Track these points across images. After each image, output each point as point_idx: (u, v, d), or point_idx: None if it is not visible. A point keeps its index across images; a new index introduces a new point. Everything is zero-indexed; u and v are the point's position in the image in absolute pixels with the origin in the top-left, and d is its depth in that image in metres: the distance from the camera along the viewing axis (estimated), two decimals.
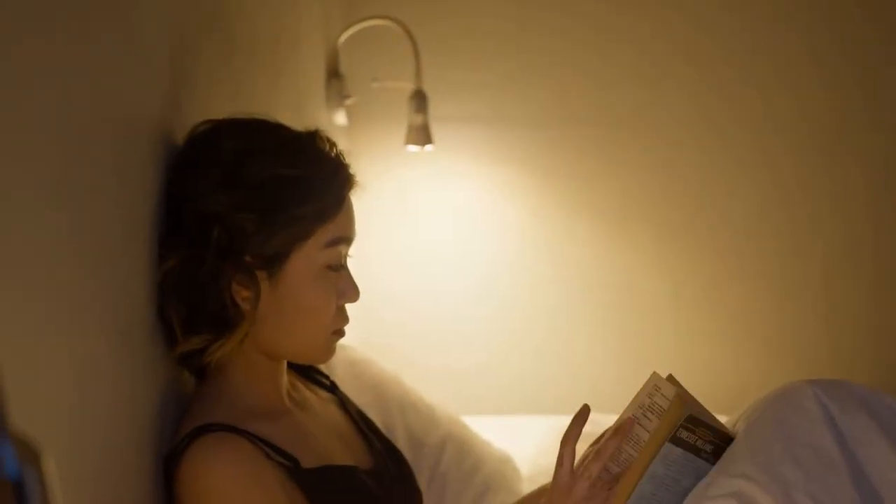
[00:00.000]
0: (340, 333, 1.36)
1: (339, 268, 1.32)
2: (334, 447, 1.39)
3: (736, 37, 2.74)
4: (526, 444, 2.13)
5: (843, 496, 1.22)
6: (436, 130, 2.56)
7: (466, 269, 2.84)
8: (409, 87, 2.49)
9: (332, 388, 1.55)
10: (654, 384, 1.33)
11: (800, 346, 2.82)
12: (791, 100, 2.74)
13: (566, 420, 2.24)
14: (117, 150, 1.14)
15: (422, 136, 2.49)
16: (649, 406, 1.32)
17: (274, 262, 1.26)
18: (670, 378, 1.38)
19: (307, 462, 1.29)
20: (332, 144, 1.35)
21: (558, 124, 2.78)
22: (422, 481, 1.64)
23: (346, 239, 1.32)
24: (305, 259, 1.28)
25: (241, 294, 1.26)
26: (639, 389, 1.38)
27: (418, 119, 2.48)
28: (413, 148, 2.52)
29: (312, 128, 1.36)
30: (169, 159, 1.30)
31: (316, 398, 1.48)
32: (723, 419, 1.44)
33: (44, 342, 0.92)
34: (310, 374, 1.53)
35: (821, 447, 1.26)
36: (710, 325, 2.83)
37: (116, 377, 1.12)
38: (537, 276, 2.83)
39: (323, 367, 1.56)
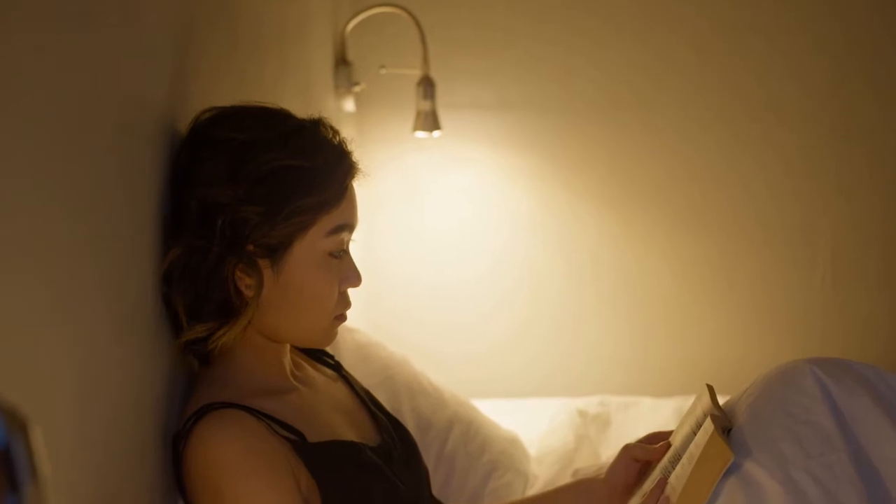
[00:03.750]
0: (342, 318, 1.38)
1: (342, 254, 1.34)
2: (340, 423, 1.40)
3: (741, 24, 2.73)
4: (535, 425, 2.15)
5: (842, 474, 1.22)
6: (444, 117, 2.57)
7: (475, 254, 2.85)
8: (416, 73, 2.50)
9: (337, 367, 1.56)
10: (702, 416, 1.34)
11: (809, 329, 2.82)
12: (797, 85, 2.73)
13: (575, 402, 2.27)
14: (121, 138, 1.15)
15: (430, 122, 2.50)
16: (692, 435, 1.33)
17: (277, 250, 1.28)
18: (711, 392, 1.40)
19: (313, 437, 1.31)
20: (336, 132, 1.36)
21: (566, 111, 2.79)
22: (429, 462, 1.66)
23: (349, 226, 1.34)
24: (308, 247, 1.29)
25: (245, 282, 1.28)
26: (690, 407, 1.42)
27: (426, 105, 2.49)
28: (421, 134, 2.53)
29: (316, 116, 1.37)
30: (173, 147, 1.31)
31: (321, 377, 1.50)
32: (726, 400, 1.45)
33: (53, 328, 0.94)
34: (315, 353, 1.55)
35: (820, 425, 1.27)
36: (718, 308, 2.84)
37: (124, 362, 1.14)
38: (546, 261, 2.84)
39: (329, 349, 1.57)
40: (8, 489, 0.50)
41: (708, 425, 1.28)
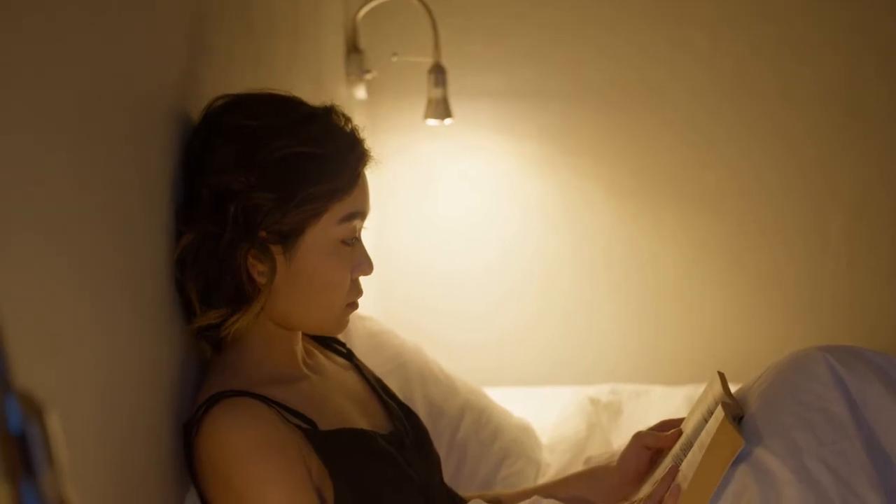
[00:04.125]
0: (354, 306, 1.38)
1: (354, 241, 1.34)
2: (352, 411, 1.41)
3: (753, 12, 2.72)
4: (546, 413, 2.15)
5: (854, 461, 1.22)
6: (455, 104, 2.57)
7: (486, 241, 2.84)
8: (428, 61, 2.50)
9: (349, 355, 1.57)
10: (713, 403, 1.34)
11: (821, 317, 2.81)
12: (809, 74, 2.72)
13: (587, 390, 2.27)
14: (135, 124, 1.16)
15: (441, 109, 2.50)
16: (703, 422, 1.33)
17: (289, 237, 1.28)
18: (723, 380, 1.39)
19: (324, 425, 1.31)
20: (348, 120, 1.37)
21: (578, 99, 2.78)
22: (441, 449, 1.66)
23: (361, 214, 1.34)
24: (320, 234, 1.29)
25: (257, 269, 1.28)
26: (702, 394, 1.42)
27: (437, 93, 2.49)
28: (432, 122, 2.52)
29: (328, 103, 1.37)
30: (186, 134, 1.32)
31: (333, 365, 1.50)
32: (738, 388, 1.45)
33: (70, 313, 0.95)
34: (326, 341, 1.55)
35: (832, 412, 1.27)
36: (729, 296, 2.83)
37: (143, 350, 1.15)
38: (557, 249, 2.83)
39: (341, 337, 1.58)
40: (24, 475, 0.50)
41: (719, 413, 1.28)
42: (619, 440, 2.03)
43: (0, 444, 0.49)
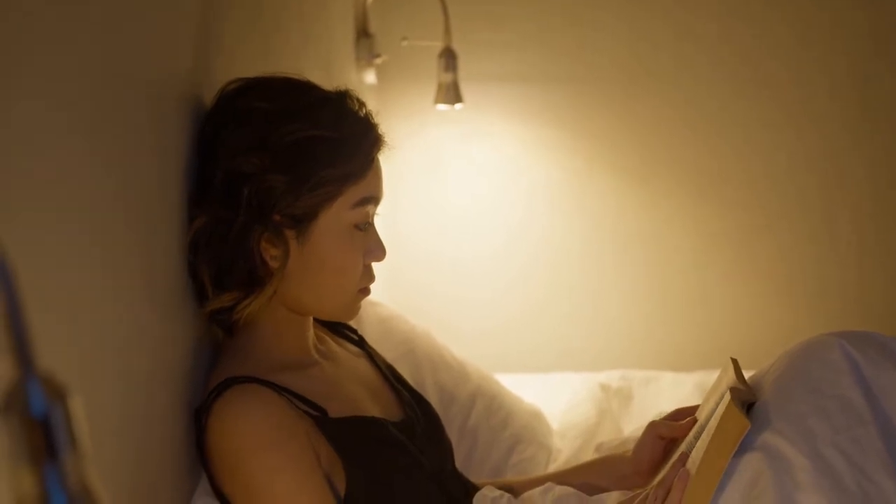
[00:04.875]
0: (366, 292, 1.38)
1: (367, 227, 1.34)
2: (363, 399, 1.41)
3: None
4: (557, 400, 2.14)
5: (870, 448, 1.21)
6: (465, 89, 2.55)
7: (496, 226, 2.84)
8: (438, 45, 2.48)
9: (361, 342, 1.56)
10: (726, 390, 1.33)
11: (830, 301, 2.81)
12: (816, 61, 2.70)
13: (597, 376, 2.27)
14: (149, 106, 1.15)
15: (451, 94, 2.49)
16: (716, 410, 1.33)
17: (302, 221, 1.28)
18: (736, 366, 1.39)
19: (335, 412, 1.31)
20: (362, 104, 1.36)
21: (588, 84, 2.76)
22: (452, 436, 1.66)
23: (375, 199, 1.33)
24: (334, 218, 1.29)
25: (270, 252, 1.28)
26: (714, 382, 1.41)
27: (448, 78, 2.47)
28: (443, 107, 2.51)
29: (342, 87, 1.37)
30: (199, 117, 1.31)
31: (344, 352, 1.50)
32: (750, 374, 1.44)
33: (89, 296, 0.95)
34: (338, 328, 1.55)
35: (847, 399, 1.26)
36: (738, 282, 2.82)
37: (153, 332, 1.15)
38: (567, 233, 2.83)
39: (352, 323, 1.57)
40: (47, 458, 0.50)
41: (726, 397, 1.28)
42: (630, 426, 2.02)
43: (23, 427, 0.49)
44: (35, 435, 0.49)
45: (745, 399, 1.32)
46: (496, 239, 2.84)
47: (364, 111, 1.35)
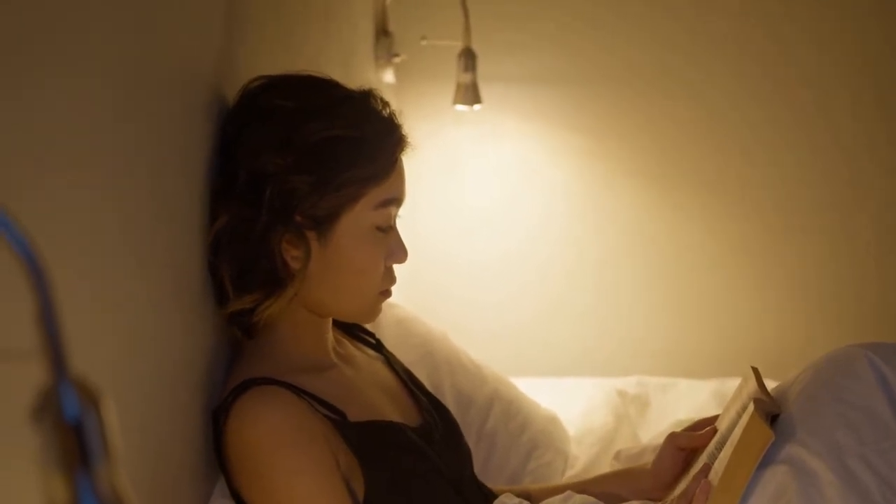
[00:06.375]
0: (387, 294, 1.37)
1: (389, 228, 1.32)
2: (382, 403, 1.39)
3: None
4: (572, 405, 2.12)
5: None
6: (484, 89, 2.53)
7: (513, 228, 2.82)
8: (457, 45, 2.47)
9: (378, 346, 1.55)
10: (748, 399, 1.32)
11: (848, 307, 2.78)
12: (833, 67, 2.68)
13: (614, 382, 2.25)
14: (174, 105, 1.14)
15: (470, 95, 2.47)
16: (737, 419, 1.31)
17: (325, 222, 1.26)
18: (757, 375, 1.37)
19: (354, 416, 1.30)
20: (385, 104, 1.35)
21: (607, 85, 2.75)
22: (470, 440, 1.64)
23: (397, 200, 1.32)
24: (356, 220, 1.27)
25: (291, 253, 1.26)
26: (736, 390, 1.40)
27: (467, 78, 2.46)
28: (461, 107, 2.50)
29: (366, 87, 1.35)
30: (221, 115, 1.30)
31: (362, 355, 1.49)
32: (772, 384, 1.43)
33: (118, 299, 0.94)
34: (355, 332, 1.53)
35: (874, 411, 1.25)
36: (755, 288, 2.80)
37: (175, 334, 1.14)
38: (584, 236, 2.81)
39: (369, 326, 1.56)
40: (79, 464, 0.48)
41: (750, 408, 1.26)
42: (647, 433, 2.01)
43: (55, 432, 0.48)
44: (67, 440, 0.48)
45: (769, 410, 1.30)
46: (512, 241, 2.82)
47: (388, 111, 1.34)
